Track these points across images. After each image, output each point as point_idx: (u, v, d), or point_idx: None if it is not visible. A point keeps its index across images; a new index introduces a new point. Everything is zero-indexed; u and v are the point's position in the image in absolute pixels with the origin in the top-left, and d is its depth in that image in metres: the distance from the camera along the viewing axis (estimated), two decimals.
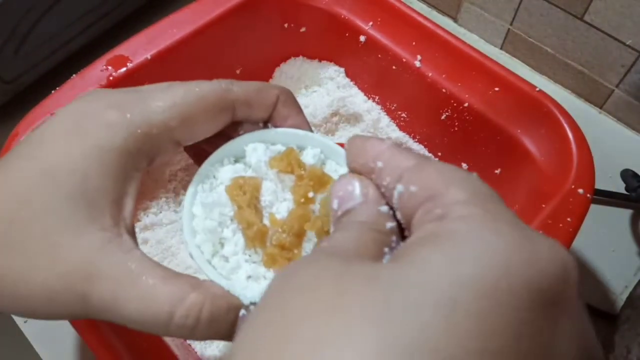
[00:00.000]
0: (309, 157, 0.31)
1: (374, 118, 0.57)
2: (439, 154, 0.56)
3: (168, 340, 0.43)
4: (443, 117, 0.52)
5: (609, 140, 0.64)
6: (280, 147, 0.31)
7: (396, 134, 0.57)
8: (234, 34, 0.53)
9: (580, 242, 0.50)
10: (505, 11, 0.67)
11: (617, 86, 0.63)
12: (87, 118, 0.25)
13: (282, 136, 0.31)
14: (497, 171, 0.50)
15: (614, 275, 0.55)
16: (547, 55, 0.67)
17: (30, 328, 0.51)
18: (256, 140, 0.30)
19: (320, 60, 0.61)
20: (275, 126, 0.32)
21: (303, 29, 0.58)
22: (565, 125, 0.45)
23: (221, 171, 0.30)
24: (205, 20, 0.50)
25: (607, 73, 0.63)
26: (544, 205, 0.42)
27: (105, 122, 0.25)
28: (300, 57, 0.61)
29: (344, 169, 0.30)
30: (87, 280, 0.23)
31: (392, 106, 0.58)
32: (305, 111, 0.57)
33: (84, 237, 0.23)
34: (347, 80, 0.60)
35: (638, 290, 0.49)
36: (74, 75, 0.47)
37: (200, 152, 0.32)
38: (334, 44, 0.57)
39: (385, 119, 0.58)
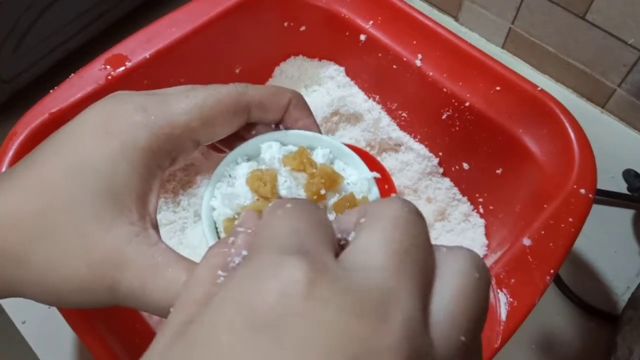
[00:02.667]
0: (319, 156, 0.32)
1: (374, 117, 0.57)
2: (440, 153, 0.56)
3: None
4: (444, 117, 0.52)
5: (611, 140, 0.64)
6: (292, 147, 0.33)
7: (396, 133, 0.57)
8: (233, 32, 0.53)
9: (582, 243, 0.50)
10: (507, 10, 0.67)
11: (619, 85, 0.63)
12: (115, 118, 0.27)
13: (294, 137, 0.33)
14: (499, 171, 0.50)
15: (616, 275, 0.55)
16: (549, 55, 0.67)
17: (28, 329, 0.51)
18: (270, 139, 0.32)
19: (320, 60, 0.60)
20: (287, 128, 0.33)
21: (303, 28, 0.57)
22: (567, 125, 0.45)
23: (237, 169, 0.31)
24: (205, 19, 0.50)
25: (609, 72, 0.63)
26: (545, 206, 0.42)
27: (132, 122, 0.27)
28: (300, 56, 0.61)
29: (351, 169, 0.33)
30: (116, 269, 0.24)
31: (393, 105, 0.57)
32: None
33: (112, 229, 0.25)
34: (348, 79, 0.60)
35: None
36: (72, 74, 0.47)
37: (212, 145, 0.34)
38: (334, 42, 0.57)
39: (385, 119, 0.58)
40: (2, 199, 0.26)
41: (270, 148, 0.32)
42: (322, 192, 0.30)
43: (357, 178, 0.32)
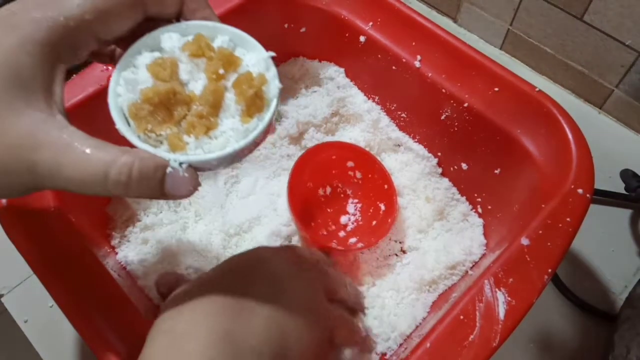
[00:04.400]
0: (218, 43, 0.34)
1: (374, 118, 0.57)
2: (439, 154, 0.56)
3: None
4: (443, 117, 0.52)
5: (608, 140, 0.64)
6: (192, 38, 0.34)
7: (396, 134, 0.57)
8: None
9: (580, 242, 0.50)
10: (505, 11, 0.67)
11: (616, 86, 0.63)
12: (15, 16, 0.29)
13: (193, 28, 0.34)
14: (497, 171, 0.50)
15: (613, 275, 0.56)
16: (547, 56, 0.67)
17: (30, 328, 0.51)
18: (170, 31, 0.34)
19: (320, 61, 0.61)
20: (186, 20, 0.35)
21: (303, 29, 0.58)
22: (565, 126, 0.45)
23: (139, 59, 0.33)
24: None
25: (607, 73, 0.63)
26: (543, 205, 0.42)
27: (30, 18, 0.29)
28: (301, 57, 0.61)
29: (251, 54, 0.35)
30: (32, 151, 0.27)
31: (392, 106, 0.58)
32: (305, 111, 0.57)
33: (23, 116, 0.27)
34: (347, 80, 0.60)
35: (637, 290, 0.50)
36: (74, 75, 0.47)
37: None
38: (334, 44, 0.57)
39: (385, 119, 0.58)
40: None
41: (170, 38, 0.33)
42: (221, 71, 0.32)
43: (256, 60, 0.34)
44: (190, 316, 0.33)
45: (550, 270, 0.39)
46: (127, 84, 0.32)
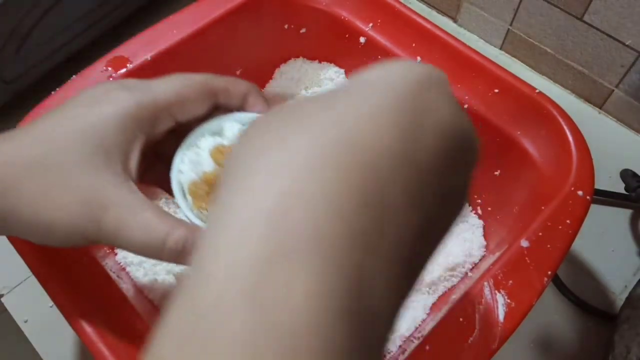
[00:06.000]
0: None
1: None
2: None
3: None
4: None
5: (608, 140, 0.64)
6: None
7: None
8: (234, 35, 0.53)
9: (579, 242, 0.50)
10: (505, 11, 0.67)
11: (616, 86, 0.63)
12: (108, 93, 0.33)
13: (251, 119, 0.37)
14: (497, 173, 0.51)
15: (613, 275, 0.56)
16: (547, 56, 0.67)
17: (30, 328, 0.51)
18: (232, 120, 0.38)
19: (320, 61, 0.61)
20: (245, 112, 0.38)
21: (303, 30, 0.58)
22: (565, 128, 0.45)
23: (202, 141, 0.36)
24: (205, 22, 0.51)
25: (607, 73, 0.63)
26: (543, 207, 0.42)
27: (121, 96, 0.33)
28: (301, 58, 0.61)
29: None
30: (102, 208, 0.30)
31: None
32: None
33: (101, 175, 0.30)
34: None
35: (637, 290, 0.50)
36: (74, 75, 0.47)
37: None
38: (334, 45, 0.57)
39: None
40: (2, 145, 0.31)
41: (232, 128, 0.37)
42: None
43: None
44: None
45: (549, 273, 0.39)
46: (190, 163, 0.35)
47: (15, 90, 0.62)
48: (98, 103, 0.32)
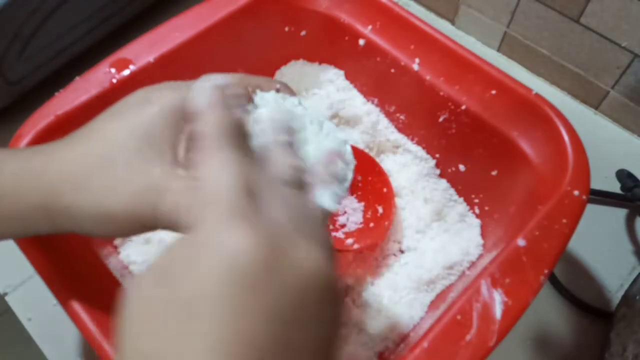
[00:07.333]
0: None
1: (373, 120, 0.58)
2: (437, 155, 0.56)
3: None
4: (441, 120, 0.53)
5: (604, 140, 0.65)
6: None
7: (395, 135, 0.58)
8: (235, 37, 0.54)
9: (576, 242, 0.51)
10: (502, 14, 0.68)
11: (612, 87, 0.64)
12: (153, 93, 0.36)
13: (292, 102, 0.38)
14: (494, 173, 0.51)
15: (609, 274, 0.56)
16: (544, 57, 0.68)
17: (33, 326, 0.51)
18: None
19: (320, 63, 0.61)
20: None
21: (303, 33, 0.58)
22: (561, 128, 0.45)
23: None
24: (207, 24, 0.51)
25: (603, 75, 0.64)
26: (539, 207, 0.43)
27: (166, 95, 0.35)
28: (301, 60, 0.61)
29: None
30: (158, 195, 0.32)
31: (391, 108, 0.58)
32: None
33: (155, 167, 0.33)
34: (347, 82, 0.60)
35: (633, 288, 0.50)
36: (77, 77, 0.47)
37: None
38: (334, 47, 0.58)
39: (384, 121, 0.59)
40: (69, 147, 0.34)
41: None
42: None
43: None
44: None
45: (546, 271, 0.39)
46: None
47: (19, 92, 0.63)
48: (148, 102, 0.35)
